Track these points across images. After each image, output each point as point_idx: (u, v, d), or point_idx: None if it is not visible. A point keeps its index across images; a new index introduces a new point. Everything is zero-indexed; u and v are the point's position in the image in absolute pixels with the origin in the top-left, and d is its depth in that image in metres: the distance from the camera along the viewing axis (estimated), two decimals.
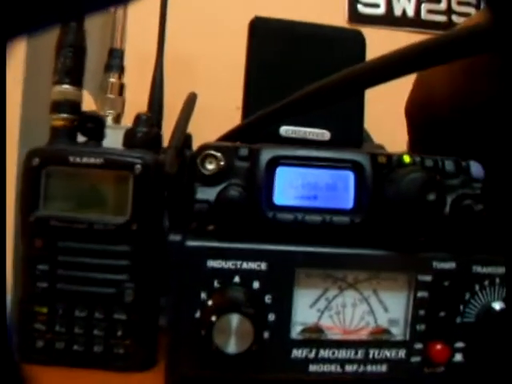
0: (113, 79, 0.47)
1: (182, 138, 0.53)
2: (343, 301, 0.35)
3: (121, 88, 0.48)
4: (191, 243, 0.33)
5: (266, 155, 0.35)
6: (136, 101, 0.55)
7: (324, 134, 0.44)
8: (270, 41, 0.45)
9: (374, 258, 0.35)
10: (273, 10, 0.51)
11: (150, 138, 0.37)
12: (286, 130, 0.44)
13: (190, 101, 0.56)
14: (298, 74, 0.45)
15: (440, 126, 0.46)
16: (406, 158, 0.36)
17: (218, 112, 0.47)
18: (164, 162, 0.37)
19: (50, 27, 0.14)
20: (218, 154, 0.35)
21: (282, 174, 0.35)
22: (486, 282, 0.36)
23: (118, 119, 0.47)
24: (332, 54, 0.46)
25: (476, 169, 0.37)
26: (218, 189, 0.35)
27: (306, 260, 0.34)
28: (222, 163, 0.35)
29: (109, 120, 0.47)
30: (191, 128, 0.56)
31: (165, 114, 0.58)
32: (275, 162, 0.35)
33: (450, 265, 0.35)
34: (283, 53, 0.45)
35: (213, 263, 0.33)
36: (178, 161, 0.40)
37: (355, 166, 0.35)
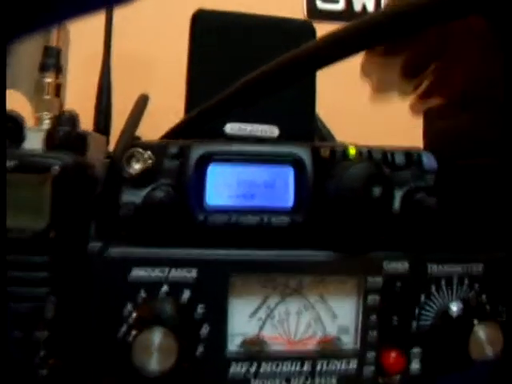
0: (49, 79, 0.44)
1: (130, 141, 0.49)
2: (287, 308, 0.31)
3: (58, 88, 0.44)
4: (113, 251, 0.30)
5: (197, 152, 0.31)
6: (83, 105, 0.51)
7: (272, 130, 0.40)
8: (213, 34, 0.41)
9: (319, 260, 0.31)
10: (226, 6, 0.48)
11: (72, 138, 0.33)
12: (231, 128, 0.40)
13: (141, 103, 0.52)
14: (244, 68, 0.41)
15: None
16: (351, 151, 0.33)
17: (171, 115, 0.43)
18: (88, 164, 0.33)
19: (50, 27, 0.15)
20: (146, 153, 0.31)
21: (215, 172, 0.31)
22: (443, 282, 0.32)
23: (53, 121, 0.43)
24: (281, 46, 0.42)
25: (428, 160, 0.33)
26: (145, 191, 0.31)
27: (242, 266, 0.30)
28: (149, 162, 0.31)
29: (45, 123, 0.43)
30: (142, 132, 0.52)
31: (114, 118, 0.54)
32: (207, 159, 0.31)
33: (402, 265, 0.31)
34: (228, 46, 0.41)
35: (138, 272, 0.29)
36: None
37: (295, 162, 0.32)
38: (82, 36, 0.49)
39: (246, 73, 0.41)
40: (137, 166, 0.31)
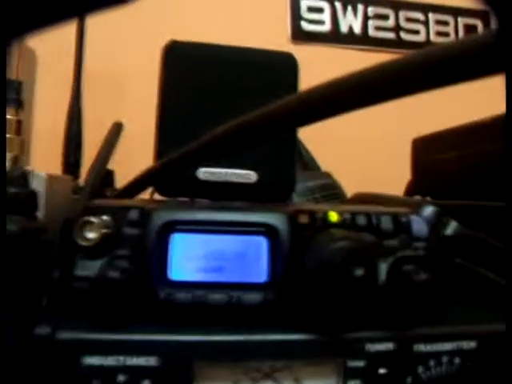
0: (9, 116, 0.39)
1: (100, 175, 0.45)
2: None
3: (18, 125, 0.40)
4: (63, 336, 0.26)
5: (159, 219, 0.27)
6: (53, 135, 0.47)
7: (250, 176, 0.37)
8: (187, 68, 0.37)
9: (293, 343, 0.27)
10: (208, 34, 0.44)
11: (22, 200, 0.29)
12: (204, 173, 0.36)
13: (114, 132, 0.48)
14: (220, 105, 0.37)
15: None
16: (333, 216, 0.29)
17: (148, 142, 0.39)
18: (42, 227, 0.29)
19: (49, 27, 0.13)
20: (101, 220, 0.27)
21: (179, 242, 0.28)
22: (431, 363, 0.28)
23: (16, 162, 0.39)
24: (259, 81, 0.38)
25: (418, 225, 0.30)
26: (101, 262, 0.27)
27: (208, 351, 0.26)
28: (104, 231, 0.27)
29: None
30: (118, 161, 0.48)
31: (86, 148, 0.50)
32: (170, 228, 0.28)
33: (386, 346, 0.28)
34: (203, 81, 0.37)
35: (90, 360, 0.26)
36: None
37: (269, 231, 0.28)
38: (51, 61, 0.45)
39: (223, 111, 0.37)
40: (91, 235, 0.27)
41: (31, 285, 0.28)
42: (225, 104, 0.37)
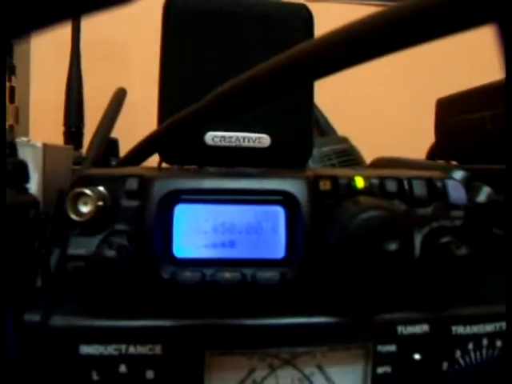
0: None
1: (104, 144, 0.41)
2: (277, 383, 0.24)
3: (11, 92, 0.36)
4: (57, 322, 0.22)
5: (161, 189, 0.24)
6: (51, 103, 0.43)
7: (262, 140, 0.33)
8: (189, 24, 0.33)
9: (315, 326, 0.24)
10: None
11: (9, 171, 0.25)
12: (212, 137, 0.32)
13: (117, 99, 0.44)
14: (229, 64, 0.33)
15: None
16: (359, 182, 0.25)
17: (153, 111, 0.36)
18: (32, 201, 0.25)
19: (49, 27, 0.13)
20: (96, 191, 0.24)
21: (184, 214, 0.24)
22: (470, 346, 0.25)
23: (10, 131, 0.35)
24: (271, 35, 0.33)
25: (455, 191, 0.25)
26: (97, 239, 0.23)
27: (219, 337, 0.23)
28: (100, 204, 0.23)
29: None
30: (120, 129, 0.44)
31: (88, 114, 0.46)
32: (174, 198, 0.24)
33: (420, 328, 0.24)
34: (208, 38, 0.33)
35: (88, 349, 0.22)
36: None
37: (286, 199, 0.24)
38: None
39: (229, 69, 0.33)
40: (85, 209, 0.24)
41: (22, 266, 0.25)
42: (234, 62, 0.33)
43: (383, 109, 0.66)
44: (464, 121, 0.42)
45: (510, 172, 0.16)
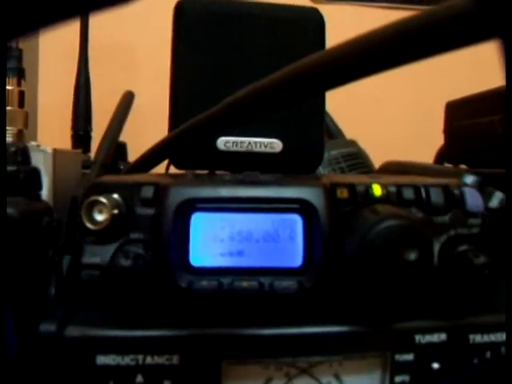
0: (10, 86, 0.35)
1: (112, 148, 0.41)
2: None
3: (20, 97, 0.35)
4: (73, 332, 0.22)
5: (177, 197, 0.23)
6: (60, 108, 0.42)
7: (274, 145, 0.32)
8: (201, 27, 0.32)
9: (333, 335, 0.23)
10: None
11: (21, 178, 0.25)
12: (224, 142, 0.32)
13: (125, 102, 0.44)
14: (241, 67, 0.32)
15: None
16: (376, 190, 0.24)
17: (161, 114, 0.35)
18: (46, 208, 0.25)
19: (50, 27, 0.13)
20: (111, 199, 0.23)
21: (201, 223, 0.23)
22: (488, 354, 0.24)
23: (20, 136, 0.35)
24: (282, 38, 0.33)
25: (473, 199, 0.25)
26: (112, 248, 0.23)
27: (236, 346, 0.22)
28: (115, 212, 0.23)
29: (8, 139, 0.35)
30: (129, 133, 0.44)
31: (96, 118, 0.45)
32: (190, 207, 0.23)
33: (438, 337, 0.24)
34: (219, 41, 0.32)
35: (105, 359, 0.22)
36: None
37: (304, 207, 0.24)
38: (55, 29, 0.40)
39: (241, 73, 0.32)
40: (100, 217, 0.23)
41: (36, 274, 0.24)
42: (246, 66, 0.32)
43: (390, 111, 0.66)
44: (473, 124, 0.41)
45: (510, 175, 0.16)
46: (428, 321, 0.24)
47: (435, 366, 0.24)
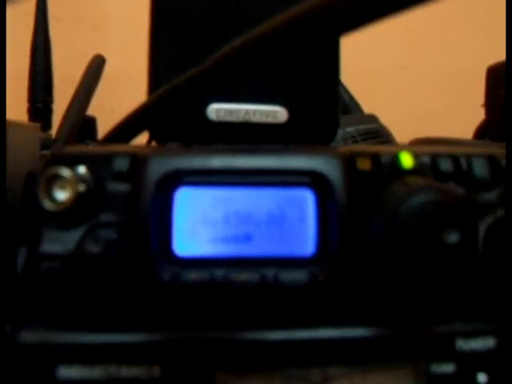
0: None
1: (78, 124, 0.40)
2: None
3: None
4: (28, 338, 0.21)
5: (158, 169, 0.22)
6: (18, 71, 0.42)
7: (278, 114, 0.31)
8: None
9: (353, 340, 0.22)
10: None
11: None
12: (216, 111, 0.31)
13: (94, 68, 0.43)
14: (233, 18, 0.32)
15: None
16: (406, 160, 0.24)
17: (137, 82, 0.35)
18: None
19: None
20: (75, 173, 0.22)
21: (188, 201, 0.23)
22: None
23: None
24: None
25: None
26: (77, 234, 0.22)
27: (234, 355, 0.22)
28: (81, 188, 0.22)
29: None
30: (98, 104, 0.43)
31: (58, 88, 0.45)
32: (174, 180, 0.22)
33: (484, 343, 0.23)
34: None
35: (68, 372, 0.21)
36: None
37: (316, 181, 0.23)
38: None
39: (234, 25, 0.32)
40: (62, 196, 0.22)
41: None
42: (240, 18, 0.32)
43: (416, 81, 0.65)
44: None
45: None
46: (472, 323, 0.23)
47: (481, 378, 0.23)
